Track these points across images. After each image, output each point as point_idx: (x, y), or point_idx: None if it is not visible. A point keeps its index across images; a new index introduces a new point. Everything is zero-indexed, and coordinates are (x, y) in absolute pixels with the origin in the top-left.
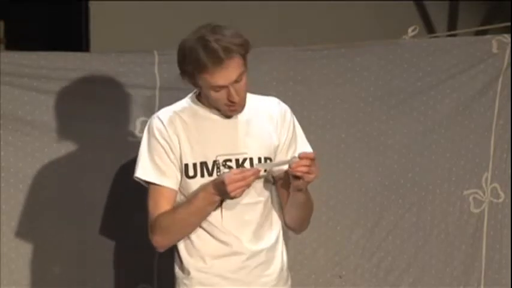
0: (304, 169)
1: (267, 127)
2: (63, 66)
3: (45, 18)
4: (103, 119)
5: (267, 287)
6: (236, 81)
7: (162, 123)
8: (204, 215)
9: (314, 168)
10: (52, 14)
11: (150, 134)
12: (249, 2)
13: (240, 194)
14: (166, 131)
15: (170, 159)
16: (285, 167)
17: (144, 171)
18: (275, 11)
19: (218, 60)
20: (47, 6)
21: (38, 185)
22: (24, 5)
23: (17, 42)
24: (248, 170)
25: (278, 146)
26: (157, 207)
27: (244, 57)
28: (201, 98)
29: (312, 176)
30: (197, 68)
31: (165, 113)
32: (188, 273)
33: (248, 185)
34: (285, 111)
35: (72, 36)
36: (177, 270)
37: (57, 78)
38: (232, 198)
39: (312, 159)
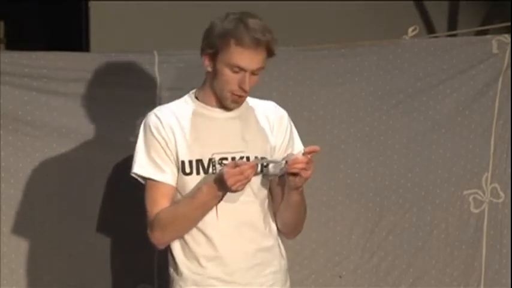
0: (301, 166)
1: (264, 128)
2: (63, 66)
3: (45, 18)
4: (103, 119)
5: (263, 287)
6: (254, 72)
7: (159, 119)
8: (206, 210)
9: (311, 164)
10: (52, 14)
11: (147, 130)
12: (248, 2)
13: (242, 188)
14: (163, 127)
15: (167, 155)
16: (282, 165)
17: (141, 167)
18: (275, 12)
19: (255, 40)
20: (47, 6)
21: (38, 185)
22: (24, 5)
23: (17, 42)
24: (245, 163)
25: (274, 148)
26: (156, 203)
27: (267, 54)
28: (200, 96)
29: (309, 173)
30: (231, 39)
31: (161, 110)
32: (181, 274)
33: (248, 179)
34: (282, 115)
35: (72, 36)
36: (171, 271)
37: (57, 78)
38: (233, 191)
39: (311, 154)
